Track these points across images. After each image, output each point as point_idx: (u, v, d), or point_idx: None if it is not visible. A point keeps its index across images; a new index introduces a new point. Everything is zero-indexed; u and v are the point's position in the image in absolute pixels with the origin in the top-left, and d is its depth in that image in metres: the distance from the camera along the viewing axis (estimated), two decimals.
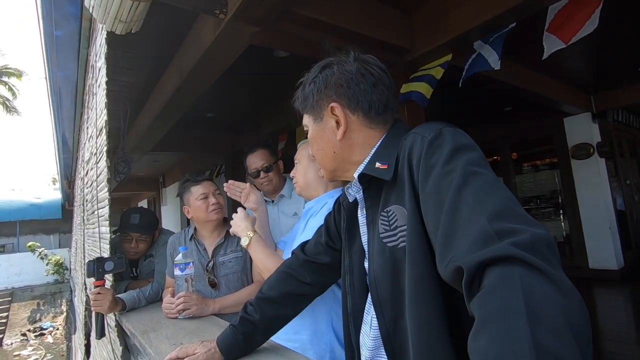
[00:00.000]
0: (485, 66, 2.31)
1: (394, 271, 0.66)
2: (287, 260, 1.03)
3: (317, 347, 1.12)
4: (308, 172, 1.28)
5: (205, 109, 4.22)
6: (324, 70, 0.78)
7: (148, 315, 1.53)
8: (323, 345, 1.12)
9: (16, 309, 12.90)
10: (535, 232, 0.42)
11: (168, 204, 9.31)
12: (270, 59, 2.89)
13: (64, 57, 2.60)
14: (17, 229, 14.87)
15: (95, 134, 2.01)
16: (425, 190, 0.58)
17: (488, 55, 2.28)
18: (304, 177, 1.29)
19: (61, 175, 7.41)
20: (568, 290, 0.37)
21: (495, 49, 2.25)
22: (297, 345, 1.10)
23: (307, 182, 1.29)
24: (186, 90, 2.71)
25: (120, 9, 1.35)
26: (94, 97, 2.11)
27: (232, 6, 1.75)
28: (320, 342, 1.12)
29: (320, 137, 0.80)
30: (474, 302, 0.40)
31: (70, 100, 3.37)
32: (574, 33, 1.93)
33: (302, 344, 1.12)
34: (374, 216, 0.73)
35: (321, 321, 1.13)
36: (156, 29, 2.30)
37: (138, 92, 3.35)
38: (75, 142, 4.60)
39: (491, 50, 2.27)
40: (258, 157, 1.88)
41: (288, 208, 1.83)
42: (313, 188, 1.28)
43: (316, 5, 1.90)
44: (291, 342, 1.11)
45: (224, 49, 2.12)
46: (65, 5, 1.99)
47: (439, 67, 2.41)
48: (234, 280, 1.59)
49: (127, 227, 1.90)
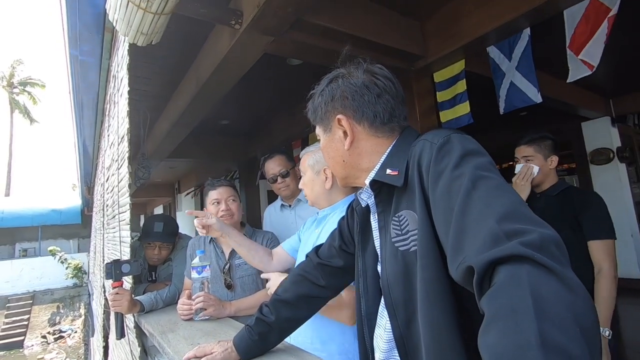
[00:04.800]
0: (527, 101, 2.30)
1: (406, 274, 0.68)
2: (302, 263, 1.06)
3: (345, 358, 1.14)
4: (315, 186, 1.31)
5: (221, 117, 4.30)
6: (331, 83, 0.82)
7: (165, 317, 1.57)
8: (351, 355, 1.13)
9: (37, 311, 13.25)
10: (544, 232, 0.44)
11: (183, 209, 9.46)
12: (284, 66, 2.94)
13: (87, 68, 2.71)
14: (39, 233, 15.32)
15: (116, 141, 2.08)
16: (435, 195, 0.60)
17: (525, 88, 2.27)
18: (311, 191, 1.33)
19: (81, 182, 7.64)
20: (575, 288, 0.38)
21: (529, 79, 2.23)
22: (325, 355, 1.12)
23: (315, 196, 1.32)
24: (202, 98, 2.78)
25: (142, 22, 1.41)
26: (116, 106, 2.19)
27: (247, 17, 1.80)
28: (349, 352, 1.14)
29: (330, 147, 0.84)
30: (484, 299, 0.41)
31: (92, 109, 3.50)
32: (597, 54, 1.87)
33: (329, 354, 1.14)
34: (386, 221, 0.75)
35: (348, 331, 1.15)
36: (174, 40, 2.38)
37: (156, 100, 3.45)
38: (95, 149, 4.75)
39: (526, 82, 2.26)
40: (275, 162, 1.95)
41: (305, 212, 1.88)
42: (323, 199, 1.31)
43: (328, 14, 1.93)
44: (318, 351, 1.13)
45: (239, 58, 2.17)
46: (90, 18, 2.09)
47: (461, 82, 2.44)
48: (249, 283, 1.62)
49: (152, 235, 1.95)
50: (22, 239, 16.05)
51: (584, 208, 1.64)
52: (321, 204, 1.32)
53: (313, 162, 1.32)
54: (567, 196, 1.72)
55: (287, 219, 2.00)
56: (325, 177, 1.28)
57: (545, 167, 1.80)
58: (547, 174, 1.80)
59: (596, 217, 1.62)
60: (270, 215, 2.16)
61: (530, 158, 1.81)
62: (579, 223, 1.64)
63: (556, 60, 2.07)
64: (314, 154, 1.32)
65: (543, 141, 1.81)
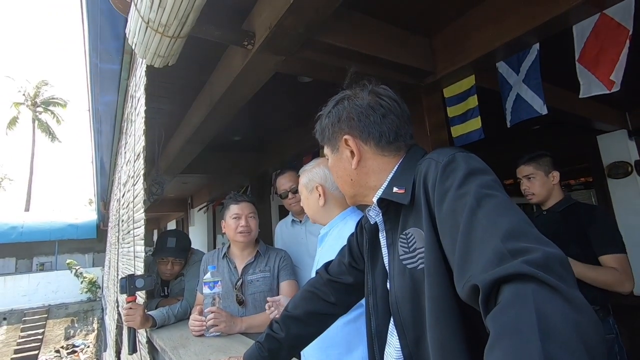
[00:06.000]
0: (533, 113, 2.28)
1: (414, 292, 0.68)
2: (312, 279, 1.06)
3: None
4: (310, 204, 1.34)
5: (233, 133, 4.39)
6: (337, 105, 0.84)
7: (177, 332, 1.58)
8: None
9: (51, 325, 13.40)
10: (548, 251, 0.44)
11: (196, 224, 9.55)
12: (295, 83, 3.00)
13: (106, 88, 2.83)
14: (56, 248, 15.63)
15: (132, 159, 2.14)
16: (441, 213, 0.61)
17: (530, 99, 2.27)
18: (309, 209, 1.36)
19: (97, 197, 7.82)
20: (581, 307, 0.38)
21: (535, 90, 2.21)
22: None
23: (313, 213, 1.35)
24: (215, 115, 2.85)
25: (159, 45, 1.48)
26: (132, 125, 2.27)
27: (259, 37, 1.86)
28: None
29: (338, 167, 0.86)
30: (489, 318, 0.41)
31: (110, 127, 3.62)
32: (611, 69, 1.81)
33: None
34: (394, 238, 0.75)
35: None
36: (189, 60, 2.46)
37: (171, 117, 3.55)
38: (112, 165, 4.89)
39: (532, 94, 2.24)
40: (287, 178, 2.00)
41: (315, 228, 1.90)
42: (320, 216, 1.34)
43: (338, 33, 1.98)
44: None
45: (251, 77, 2.24)
46: (111, 41, 2.19)
47: (472, 97, 2.45)
48: (261, 300, 1.62)
49: (164, 250, 1.99)
50: (39, 253, 16.40)
51: (590, 223, 1.61)
52: (320, 220, 1.34)
53: (306, 180, 1.34)
54: (573, 212, 1.70)
55: (297, 235, 2.02)
56: (319, 195, 1.30)
57: (547, 184, 1.79)
58: (551, 189, 1.79)
59: (604, 232, 1.59)
60: (282, 231, 2.18)
61: (531, 176, 1.82)
62: (587, 239, 1.60)
63: (569, 74, 2.06)
64: (308, 173, 1.35)
65: (541, 158, 1.83)
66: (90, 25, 2.06)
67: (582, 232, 1.62)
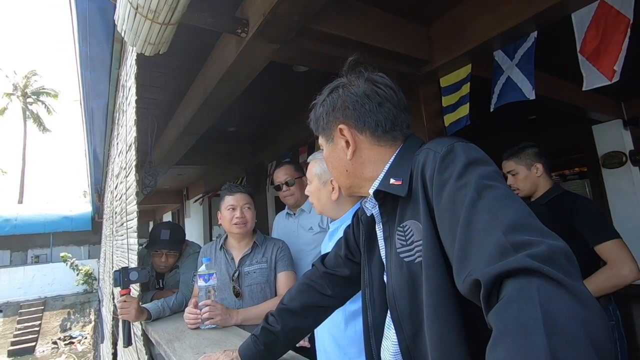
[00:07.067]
0: (520, 96, 2.22)
1: (412, 286, 0.66)
2: (308, 272, 1.05)
3: None
4: (321, 197, 1.31)
5: (228, 124, 4.34)
6: (332, 93, 0.81)
7: (172, 325, 1.57)
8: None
9: (48, 317, 13.41)
10: (552, 244, 0.42)
11: (191, 216, 9.52)
12: (290, 73, 2.96)
13: (97, 78, 2.76)
14: (51, 240, 15.56)
15: (125, 150, 2.11)
16: (440, 205, 0.58)
17: (520, 82, 2.22)
18: (318, 201, 1.33)
19: (92, 189, 7.75)
20: (587, 302, 0.36)
21: (527, 74, 2.17)
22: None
23: (322, 206, 1.33)
24: (210, 106, 2.80)
25: (149, 32, 1.43)
26: (124, 115, 2.23)
27: (253, 25, 1.82)
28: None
29: (333, 157, 0.83)
30: (492, 314, 0.40)
31: (102, 118, 3.56)
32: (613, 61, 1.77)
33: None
34: (391, 231, 0.73)
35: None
36: (181, 49, 2.41)
37: (164, 108, 3.49)
38: (106, 157, 4.82)
39: (522, 77, 2.20)
40: (282, 171, 2.03)
41: (306, 222, 1.93)
42: (329, 209, 1.31)
43: (334, 21, 1.94)
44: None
45: (245, 66, 2.19)
46: (100, 29, 2.13)
47: (465, 85, 2.41)
48: (257, 291, 1.62)
49: (158, 243, 1.97)
50: (34, 246, 16.33)
51: (573, 214, 1.59)
52: (328, 213, 1.32)
53: (320, 171, 1.31)
54: (556, 203, 1.68)
55: (290, 227, 2.03)
56: (332, 188, 1.28)
57: (531, 177, 1.78)
58: (536, 182, 1.78)
59: (591, 221, 1.56)
60: (278, 222, 2.21)
61: (513, 172, 1.80)
62: (573, 231, 1.57)
63: (566, 64, 2.03)
64: (322, 162, 1.31)
65: (522, 151, 1.81)
66: (79, 12, 2.00)
67: (566, 224, 1.59)
